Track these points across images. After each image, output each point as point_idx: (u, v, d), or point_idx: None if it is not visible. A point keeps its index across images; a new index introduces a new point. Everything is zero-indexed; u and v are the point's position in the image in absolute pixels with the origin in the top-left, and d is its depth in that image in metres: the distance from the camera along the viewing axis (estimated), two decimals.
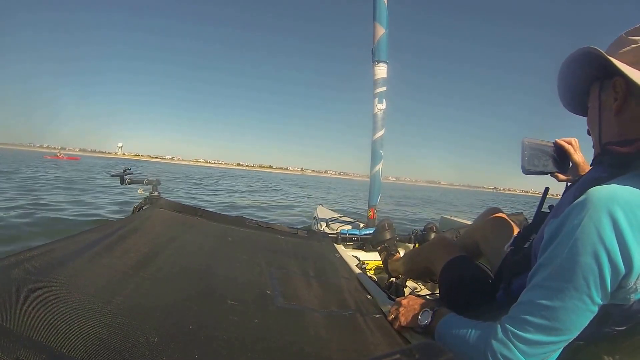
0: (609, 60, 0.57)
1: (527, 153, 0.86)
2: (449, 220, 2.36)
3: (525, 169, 0.86)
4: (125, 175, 1.68)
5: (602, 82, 0.64)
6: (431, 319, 0.76)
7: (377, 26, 2.21)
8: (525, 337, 0.55)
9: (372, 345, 0.76)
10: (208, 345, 0.65)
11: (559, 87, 0.74)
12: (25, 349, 0.51)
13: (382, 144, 2.25)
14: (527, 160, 0.86)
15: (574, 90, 0.72)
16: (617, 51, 0.61)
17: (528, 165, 0.86)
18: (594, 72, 0.65)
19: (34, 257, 0.83)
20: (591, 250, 0.50)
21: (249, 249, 1.33)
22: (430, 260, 1.14)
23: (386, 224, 1.81)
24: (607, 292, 0.51)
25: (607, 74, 0.62)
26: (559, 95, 0.76)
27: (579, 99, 0.73)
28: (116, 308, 0.71)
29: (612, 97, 0.61)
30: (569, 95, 0.75)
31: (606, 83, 0.63)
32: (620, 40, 0.62)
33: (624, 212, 0.49)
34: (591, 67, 0.64)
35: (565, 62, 0.68)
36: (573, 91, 0.73)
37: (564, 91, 0.75)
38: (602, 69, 0.61)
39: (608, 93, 0.62)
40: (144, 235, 1.20)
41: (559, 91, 0.75)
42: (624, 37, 0.61)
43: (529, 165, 0.87)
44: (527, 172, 0.87)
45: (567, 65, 0.68)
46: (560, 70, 0.71)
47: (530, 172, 0.87)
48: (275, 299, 0.91)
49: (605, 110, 0.64)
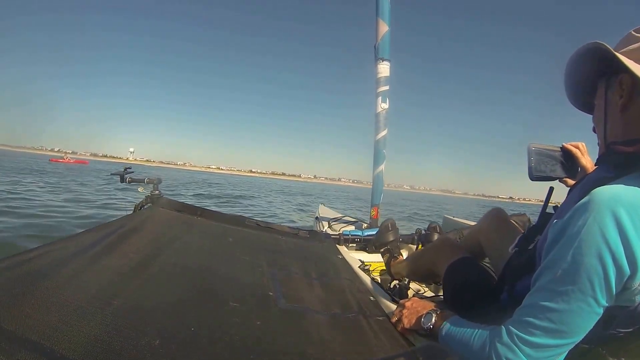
0: (616, 56, 0.56)
1: (533, 159, 0.85)
2: (452, 220, 2.35)
3: (533, 175, 0.85)
4: (125, 174, 1.68)
5: (609, 79, 0.63)
6: (435, 321, 0.76)
7: (380, 23, 2.19)
8: (531, 340, 0.54)
9: (376, 347, 0.75)
10: (210, 347, 0.64)
11: (565, 83, 0.73)
12: (26, 350, 0.51)
13: (385, 143, 2.24)
14: (534, 166, 0.85)
15: (581, 86, 0.71)
16: (625, 48, 0.60)
17: (535, 171, 0.85)
18: (600, 69, 0.64)
19: (34, 258, 0.82)
20: (595, 252, 0.50)
21: (250, 250, 1.33)
22: (434, 262, 1.14)
23: (389, 225, 1.79)
24: (612, 293, 0.51)
25: (613, 71, 0.61)
26: (566, 91, 0.75)
27: (585, 95, 0.72)
28: (117, 309, 0.70)
29: (618, 94, 0.60)
30: (575, 92, 0.73)
31: (612, 80, 0.62)
32: (629, 37, 0.61)
33: (628, 213, 0.49)
34: (598, 64, 0.63)
35: (572, 58, 0.67)
36: (579, 88, 0.72)
37: (571, 87, 0.73)
38: (609, 65, 0.60)
39: (614, 90, 0.61)
40: (145, 235, 1.19)
41: (565, 87, 0.74)
42: (632, 34, 0.60)
43: (536, 171, 0.85)
44: (535, 178, 0.85)
45: (573, 60, 0.67)
46: (566, 65, 0.70)
47: (538, 178, 0.85)
48: (278, 301, 0.90)
49: (610, 107, 0.63)
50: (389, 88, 2.23)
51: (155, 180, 1.67)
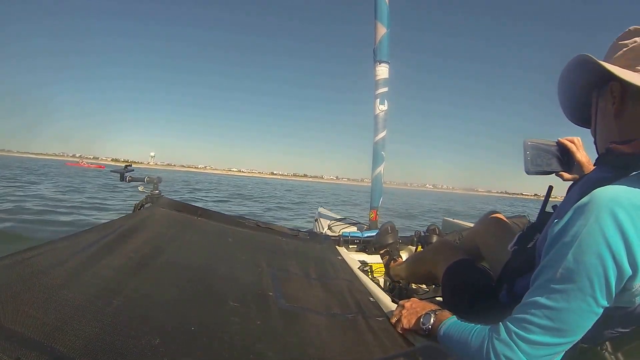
0: (601, 65, 0.57)
1: (529, 153, 0.86)
2: (451, 222, 2.35)
3: (529, 170, 0.86)
4: (125, 172, 1.67)
5: (600, 89, 0.65)
6: (433, 322, 0.76)
7: (378, 25, 2.20)
8: (529, 338, 0.55)
9: (375, 347, 0.75)
10: (210, 347, 0.64)
11: (560, 98, 0.75)
12: (26, 349, 0.51)
13: (384, 145, 2.24)
14: (530, 160, 0.86)
15: (575, 101, 0.73)
16: (612, 57, 0.62)
17: (531, 165, 0.86)
18: (591, 81, 0.66)
19: (34, 257, 0.82)
20: (596, 252, 0.50)
21: (250, 250, 1.33)
22: (433, 264, 1.14)
23: (389, 228, 1.80)
24: (611, 293, 0.51)
25: (603, 81, 0.62)
26: (561, 106, 0.76)
27: (581, 109, 0.73)
28: (117, 308, 0.70)
29: (610, 101, 0.61)
30: (571, 107, 0.75)
31: (604, 89, 0.63)
32: (613, 46, 0.63)
33: (628, 213, 0.49)
34: (588, 76, 0.65)
35: (562, 74, 0.69)
36: (574, 102, 0.73)
37: (566, 103, 0.75)
38: (599, 76, 0.62)
39: (606, 98, 0.63)
40: (145, 235, 1.19)
41: (560, 102, 0.76)
42: (616, 43, 0.63)
43: (532, 166, 0.86)
44: (531, 172, 0.87)
45: (564, 76, 0.69)
46: (558, 82, 0.72)
47: (534, 173, 0.87)
48: (277, 301, 0.90)
49: (605, 116, 0.64)
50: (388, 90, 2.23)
51: (155, 179, 1.66)
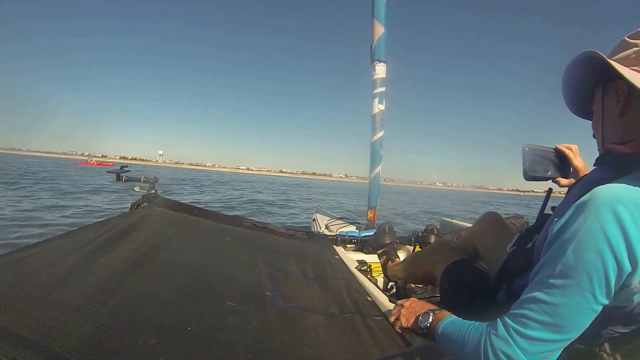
0: (610, 64, 0.57)
1: (528, 159, 0.87)
2: (449, 222, 2.36)
3: (527, 175, 0.87)
4: (121, 172, 1.66)
5: (605, 86, 0.64)
6: (432, 321, 0.76)
7: (376, 24, 2.19)
8: (527, 334, 0.54)
9: (373, 347, 0.75)
10: (207, 347, 0.64)
11: (563, 91, 0.75)
12: (22, 349, 0.51)
13: (381, 145, 2.24)
14: (529, 166, 0.87)
15: (579, 94, 0.73)
16: (620, 54, 0.61)
17: (530, 171, 0.87)
18: (596, 76, 0.65)
19: (30, 256, 0.81)
20: (596, 248, 0.50)
21: (247, 249, 1.32)
22: (431, 264, 1.14)
23: (387, 228, 1.80)
24: (610, 290, 0.51)
25: (609, 77, 0.62)
26: (564, 99, 0.76)
27: (584, 103, 0.73)
28: (114, 308, 0.70)
29: (615, 100, 0.61)
30: (573, 99, 0.75)
31: (609, 86, 0.63)
32: (622, 43, 0.62)
33: (629, 211, 0.49)
34: (594, 71, 0.65)
35: (569, 67, 0.68)
36: (578, 95, 0.73)
37: (569, 95, 0.75)
38: (605, 72, 0.61)
39: (611, 96, 0.62)
40: (142, 234, 1.19)
41: (564, 95, 0.76)
42: (626, 40, 0.62)
43: (530, 171, 0.87)
44: (529, 177, 0.87)
45: (570, 69, 0.69)
46: (564, 74, 0.71)
47: (532, 178, 0.87)
48: (275, 300, 0.90)
49: (608, 113, 0.64)
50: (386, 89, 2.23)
51: (151, 179, 1.66)
